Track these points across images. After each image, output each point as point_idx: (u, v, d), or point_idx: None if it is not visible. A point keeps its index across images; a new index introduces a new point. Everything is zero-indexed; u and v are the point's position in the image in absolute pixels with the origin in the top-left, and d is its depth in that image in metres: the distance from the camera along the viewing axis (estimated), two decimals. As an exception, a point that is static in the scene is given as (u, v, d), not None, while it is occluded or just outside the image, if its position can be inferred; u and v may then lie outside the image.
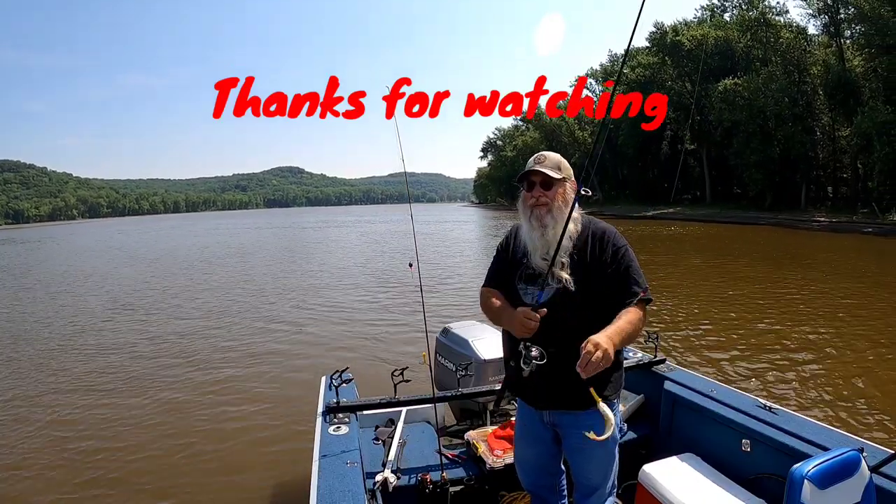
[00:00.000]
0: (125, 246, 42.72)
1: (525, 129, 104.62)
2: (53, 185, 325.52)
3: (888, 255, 21.37)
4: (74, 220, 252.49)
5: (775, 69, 43.15)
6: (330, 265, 22.82)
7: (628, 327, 2.19)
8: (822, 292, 12.71)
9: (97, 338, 10.91)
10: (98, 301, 15.41)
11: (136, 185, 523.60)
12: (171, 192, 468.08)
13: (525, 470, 2.80)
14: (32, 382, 8.20)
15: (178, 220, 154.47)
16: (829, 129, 42.71)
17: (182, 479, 5.09)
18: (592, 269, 2.32)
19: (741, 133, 43.81)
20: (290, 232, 56.17)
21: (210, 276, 20.68)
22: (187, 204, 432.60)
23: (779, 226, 35.99)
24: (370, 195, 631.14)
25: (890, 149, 30.31)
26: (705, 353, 8.24)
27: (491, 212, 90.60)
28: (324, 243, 37.65)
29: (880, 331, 9.21)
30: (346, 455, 2.77)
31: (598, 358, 2.01)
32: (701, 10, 58.24)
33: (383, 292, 14.93)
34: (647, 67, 60.20)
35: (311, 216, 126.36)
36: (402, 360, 4.68)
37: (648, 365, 3.91)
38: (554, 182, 2.39)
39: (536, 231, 2.39)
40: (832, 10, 40.51)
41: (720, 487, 2.87)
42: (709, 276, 16.19)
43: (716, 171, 55.76)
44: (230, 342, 10.19)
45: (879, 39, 34.13)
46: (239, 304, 14.15)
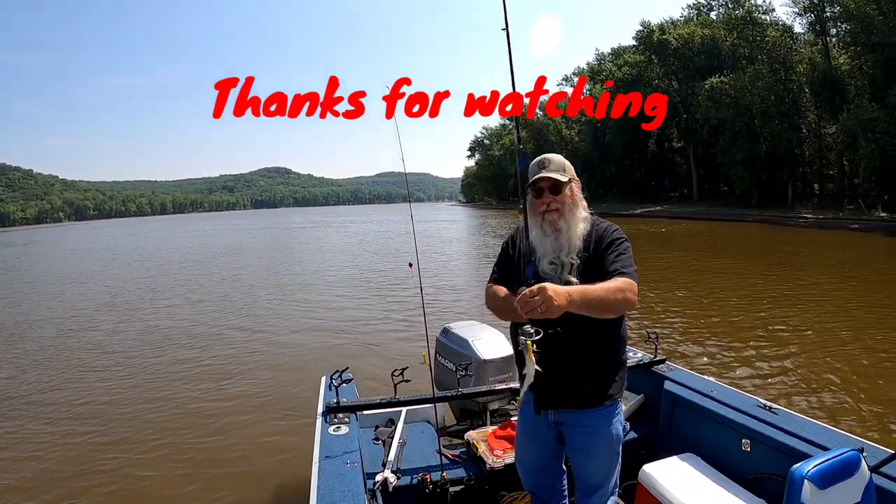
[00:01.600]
0: (113, 247, 42.50)
1: (512, 129, 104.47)
2: (39, 188, 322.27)
3: (879, 252, 21.55)
4: (61, 223, 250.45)
5: (761, 67, 43.37)
6: (329, 265, 22.78)
7: (598, 290, 2.13)
8: (817, 291, 12.80)
9: (97, 338, 10.88)
10: (96, 301, 15.32)
11: (122, 186, 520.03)
12: (158, 194, 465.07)
13: (526, 470, 2.80)
14: (26, 382, 8.24)
15: (165, 221, 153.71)
16: (816, 126, 43.00)
17: (182, 478, 5.10)
18: (596, 266, 2.32)
19: (728, 131, 43.99)
20: (284, 233, 55.99)
21: (208, 276, 20.65)
22: (174, 205, 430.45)
23: (766, 223, 36.18)
24: (358, 195, 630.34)
25: (875, 146, 30.50)
26: (705, 353, 8.25)
27: (479, 211, 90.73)
28: (319, 243, 37.63)
29: (879, 329, 9.23)
30: (346, 455, 2.77)
31: (535, 301, 1.96)
32: (687, 8, 58.45)
33: (383, 292, 14.92)
34: (634, 66, 60.51)
35: (300, 216, 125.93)
36: (402, 360, 4.67)
37: (648, 365, 3.91)
38: (562, 185, 2.40)
39: (550, 236, 2.38)
40: (818, 8, 40.73)
41: (720, 487, 2.88)
42: (703, 274, 16.25)
43: (703, 169, 56.15)
44: (230, 342, 10.20)
45: (865, 37, 34.38)
46: (238, 304, 14.13)
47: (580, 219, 2.41)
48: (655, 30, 56.30)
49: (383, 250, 28.77)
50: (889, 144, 30.13)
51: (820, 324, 9.66)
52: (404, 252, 25.25)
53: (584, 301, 2.08)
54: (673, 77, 57.35)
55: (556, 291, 1.98)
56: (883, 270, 16.16)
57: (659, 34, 55.04)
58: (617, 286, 2.16)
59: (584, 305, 2.08)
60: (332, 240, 40.58)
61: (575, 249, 2.35)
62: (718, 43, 50.73)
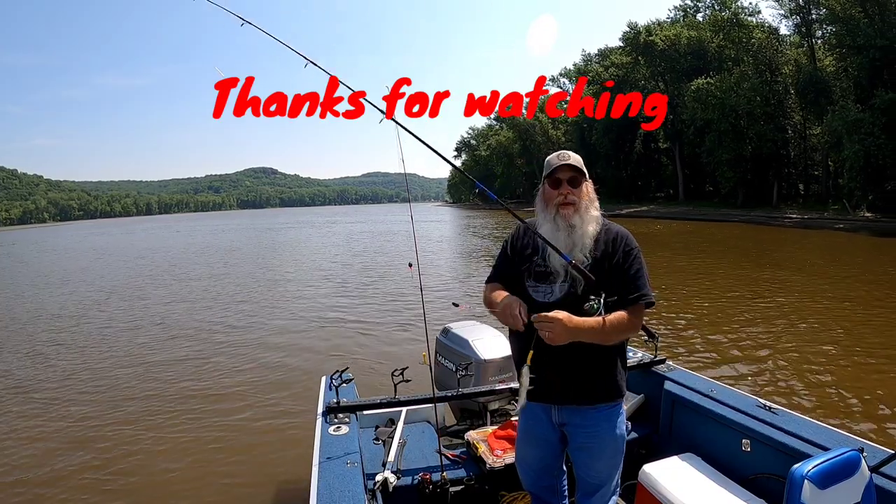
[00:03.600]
0: (101, 247, 42.20)
1: (499, 129, 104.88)
2: (24, 188, 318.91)
3: (867, 250, 21.77)
4: (45, 224, 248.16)
5: (747, 69, 43.79)
6: (328, 265, 22.72)
7: (605, 325, 2.19)
8: (811, 291, 12.91)
9: (96, 339, 10.83)
10: (89, 302, 15.22)
11: (107, 186, 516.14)
12: (144, 194, 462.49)
13: (526, 470, 2.80)
14: (33, 378, 8.34)
15: (150, 222, 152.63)
16: (801, 127, 43.43)
17: (182, 478, 5.11)
18: (604, 269, 2.31)
19: (714, 131, 44.19)
20: (271, 233, 55.78)
21: (205, 276, 20.57)
22: (160, 205, 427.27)
23: (751, 223, 36.47)
24: (344, 195, 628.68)
25: (860, 146, 30.77)
26: (703, 353, 8.30)
27: (465, 211, 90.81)
28: (314, 243, 37.57)
29: (878, 327, 9.34)
30: (346, 455, 2.77)
31: (547, 326, 2.12)
32: (674, 10, 58.77)
33: (383, 292, 14.89)
34: (621, 67, 60.75)
35: (286, 217, 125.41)
36: (402, 360, 4.67)
37: (648, 365, 3.92)
38: (582, 179, 2.40)
39: (563, 231, 2.36)
40: (804, 10, 41.13)
41: (720, 487, 2.89)
42: (697, 273, 16.33)
43: (689, 170, 56.40)
44: (229, 343, 10.17)
45: (850, 40, 34.63)
46: (237, 304, 14.09)
47: (593, 217, 2.39)
48: (642, 31, 56.46)
49: (381, 250, 28.77)
50: (873, 145, 30.43)
51: (819, 323, 9.73)
52: (402, 252, 25.51)
53: (589, 334, 2.20)
54: (659, 78, 57.69)
55: (567, 328, 2.12)
56: (871, 267, 16.39)
57: (645, 35, 55.23)
58: (626, 318, 2.26)
59: (588, 337, 2.20)
60: (318, 240, 40.48)
61: (587, 248, 2.34)
62: (705, 44, 51.00)
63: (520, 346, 2.45)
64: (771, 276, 15.19)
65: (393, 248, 28.79)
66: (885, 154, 30.42)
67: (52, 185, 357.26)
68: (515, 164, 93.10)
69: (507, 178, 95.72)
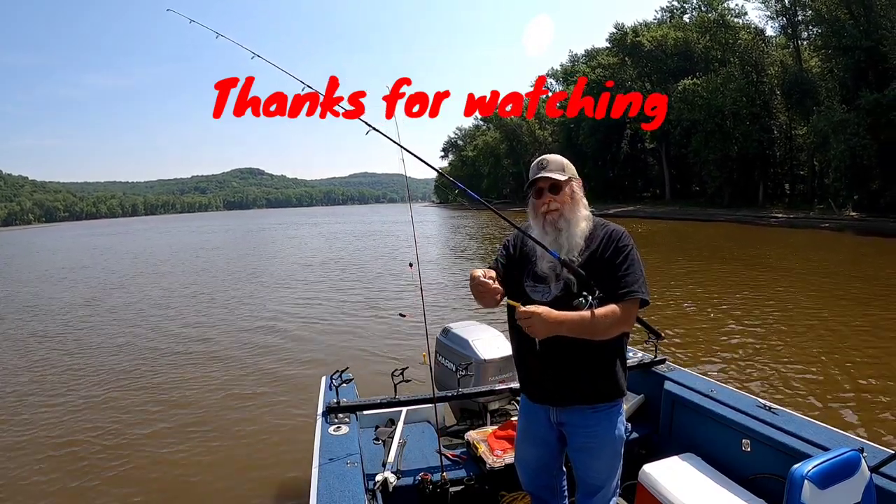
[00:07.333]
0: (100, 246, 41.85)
1: (486, 129, 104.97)
2: (9, 189, 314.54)
3: (856, 250, 21.92)
4: (31, 225, 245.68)
5: (733, 69, 44.01)
6: (326, 266, 22.65)
7: (590, 318, 2.20)
8: (806, 288, 13.03)
9: (95, 340, 10.78)
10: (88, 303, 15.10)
11: (93, 188, 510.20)
12: (130, 195, 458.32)
13: (526, 470, 2.80)
14: (28, 380, 8.29)
15: (139, 223, 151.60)
16: (787, 127, 43.60)
17: (182, 478, 5.11)
18: (598, 267, 2.32)
19: (700, 132, 44.43)
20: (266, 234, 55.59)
21: (203, 277, 20.51)
22: (146, 207, 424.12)
23: (737, 222, 36.64)
24: (331, 196, 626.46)
25: (846, 146, 31.01)
26: (702, 353, 8.33)
27: (452, 211, 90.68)
28: (310, 243, 37.52)
29: (876, 325, 9.39)
30: (346, 455, 2.78)
31: (528, 325, 2.17)
32: (661, 11, 59.01)
33: (383, 292, 14.91)
34: (607, 68, 60.92)
35: (275, 218, 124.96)
36: (402, 360, 4.68)
37: (648, 365, 3.94)
38: (561, 185, 2.41)
39: (550, 235, 2.39)
40: (790, 12, 41.38)
41: (720, 487, 2.90)
42: (692, 273, 16.39)
43: (675, 170, 56.64)
44: (228, 343, 10.15)
45: (836, 41, 34.85)
46: (236, 305, 14.06)
47: (581, 217, 2.42)
48: (629, 32, 56.69)
49: (379, 250, 28.74)
50: (859, 145, 30.69)
51: (819, 323, 9.77)
52: (402, 252, 25.54)
53: (574, 329, 2.22)
54: (646, 79, 57.81)
55: (545, 321, 2.15)
56: (861, 265, 16.54)
57: (632, 36, 55.46)
58: (613, 312, 2.25)
59: (572, 331, 2.22)
60: (315, 242, 40.34)
61: (576, 248, 2.35)
62: (691, 45, 51.15)
63: (519, 343, 2.50)
64: (762, 274, 15.30)
65: (387, 251, 28.65)
66: (869, 154, 30.72)
67: (37, 185, 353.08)
68: (502, 165, 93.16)
69: (494, 178, 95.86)
